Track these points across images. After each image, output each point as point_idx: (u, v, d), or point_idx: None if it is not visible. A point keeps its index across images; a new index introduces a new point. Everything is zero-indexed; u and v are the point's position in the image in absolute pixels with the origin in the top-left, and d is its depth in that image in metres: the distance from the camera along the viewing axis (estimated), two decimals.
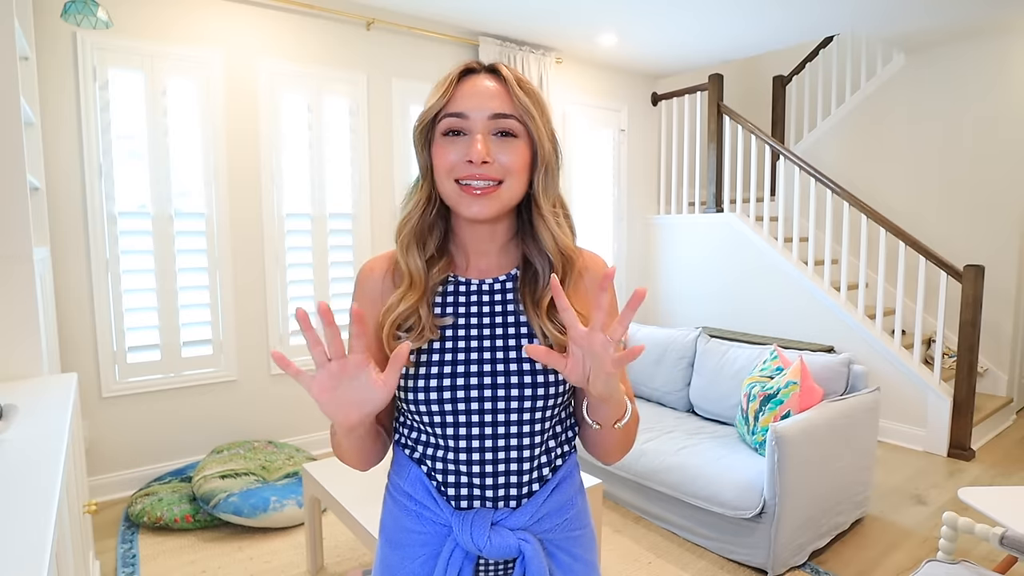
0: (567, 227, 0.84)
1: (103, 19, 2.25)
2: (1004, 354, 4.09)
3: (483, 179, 0.76)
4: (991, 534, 1.69)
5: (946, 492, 2.96)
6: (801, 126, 5.28)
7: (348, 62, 3.41)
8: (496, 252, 0.86)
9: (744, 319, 4.36)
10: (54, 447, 1.17)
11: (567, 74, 4.40)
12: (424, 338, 0.80)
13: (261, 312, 3.21)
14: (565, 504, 0.84)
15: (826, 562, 2.33)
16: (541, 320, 0.80)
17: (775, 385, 2.48)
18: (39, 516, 0.89)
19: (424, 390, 0.78)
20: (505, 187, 0.78)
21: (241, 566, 2.31)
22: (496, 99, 0.77)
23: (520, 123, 0.78)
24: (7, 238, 1.64)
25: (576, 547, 0.85)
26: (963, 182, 4.21)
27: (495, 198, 0.77)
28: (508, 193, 0.79)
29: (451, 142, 0.78)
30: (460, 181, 0.77)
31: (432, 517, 0.81)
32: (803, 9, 3.55)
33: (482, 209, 0.77)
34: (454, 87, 0.78)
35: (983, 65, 4.09)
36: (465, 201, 0.78)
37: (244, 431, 3.19)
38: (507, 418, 0.79)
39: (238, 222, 3.11)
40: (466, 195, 0.77)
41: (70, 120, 2.68)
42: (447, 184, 0.79)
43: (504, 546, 0.77)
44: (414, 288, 0.81)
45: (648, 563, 2.31)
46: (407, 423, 0.84)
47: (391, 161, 3.60)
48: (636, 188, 4.93)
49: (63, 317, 2.68)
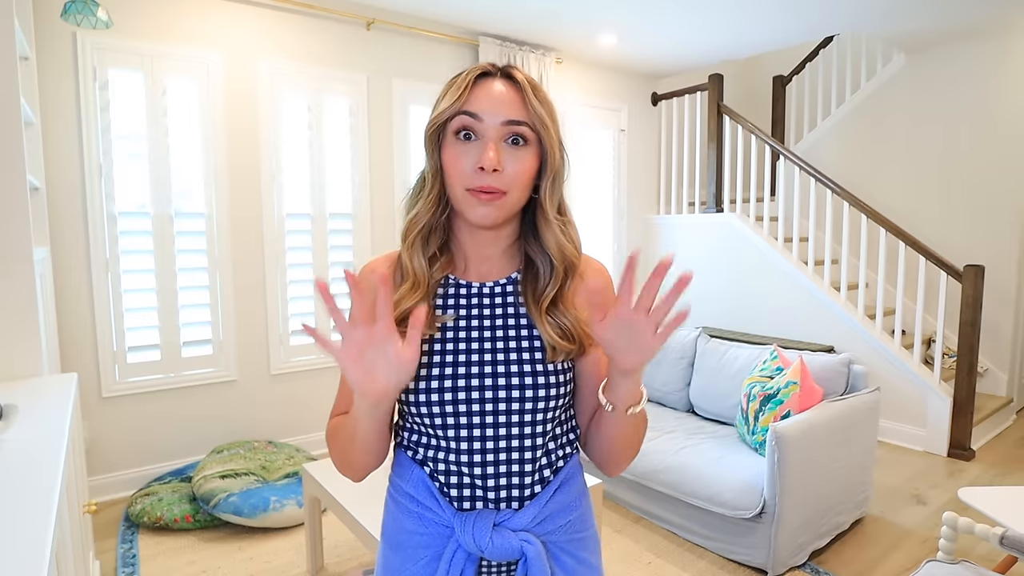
0: (571, 233, 0.84)
1: (103, 19, 2.25)
2: (1004, 354, 4.09)
3: (491, 188, 0.76)
4: (991, 534, 1.69)
5: (946, 492, 2.96)
6: (801, 126, 5.27)
7: (348, 62, 3.41)
8: (497, 256, 0.86)
9: (744, 319, 4.36)
10: (54, 447, 1.17)
11: (567, 74, 4.41)
12: (423, 334, 0.80)
13: (261, 312, 3.20)
14: (568, 506, 0.84)
15: (826, 562, 2.33)
16: (541, 319, 0.80)
17: (775, 385, 2.48)
18: (39, 516, 0.89)
19: (425, 391, 0.79)
20: (510, 195, 0.78)
21: (241, 566, 2.31)
22: (511, 106, 0.77)
23: (532, 131, 0.78)
24: (7, 238, 1.64)
25: (580, 549, 0.85)
26: (963, 182, 4.21)
27: (501, 205, 0.78)
28: (513, 201, 0.79)
29: (463, 146, 0.78)
30: (469, 189, 0.77)
31: (434, 518, 0.81)
32: (803, 9, 3.55)
33: (488, 213, 0.78)
34: (469, 90, 0.78)
35: (983, 65, 4.09)
36: (472, 204, 0.78)
37: (244, 431, 3.19)
38: (508, 419, 0.79)
39: (238, 222, 3.11)
40: (473, 198, 0.77)
41: (70, 120, 2.68)
42: (457, 189, 0.79)
43: (506, 547, 0.77)
44: (417, 287, 0.81)
45: (648, 563, 2.31)
46: (408, 425, 0.84)
47: (391, 161, 3.60)
48: (636, 188, 4.94)
49: (63, 317, 2.68)
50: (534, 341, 0.81)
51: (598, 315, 0.72)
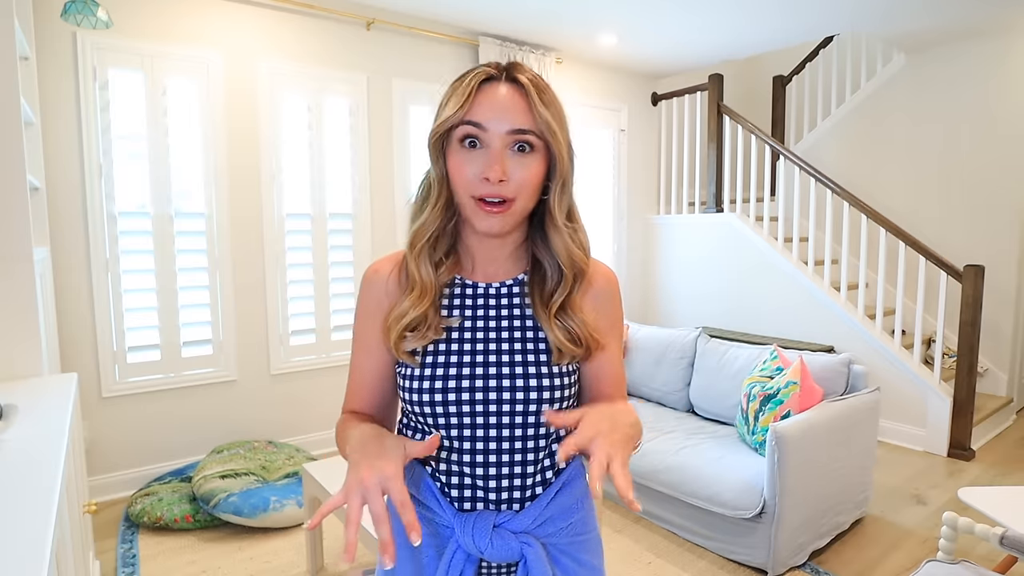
0: (580, 239, 0.83)
1: (103, 19, 2.25)
2: (1004, 354, 4.09)
3: (498, 196, 0.75)
4: (991, 534, 1.69)
5: (946, 492, 2.96)
6: (801, 126, 5.27)
7: (348, 62, 3.41)
8: (505, 257, 0.86)
9: (744, 319, 4.36)
10: (54, 447, 1.17)
11: (567, 74, 4.40)
12: (428, 338, 0.80)
13: (261, 312, 3.20)
14: (570, 508, 0.83)
15: (826, 562, 2.33)
16: (549, 322, 0.80)
17: (775, 385, 2.48)
18: (39, 516, 0.89)
19: (429, 391, 0.79)
20: (518, 203, 0.77)
21: (241, 566, 2.31)
22: (516, 113, 0.75)
23: (539, 138, 0.77)
24: (7, 238, 1.64)
25: (581, 552, 0.84)
26: (963, 182, 4.21)
27: (508, 215, 0.77)
28: (521, 208, 0.78)
29: (468, 154, 0.76)
30: (475, 198, 0.77)
31: (435, 519, 0.81)
32: (803, 9, 3.55)
33: (495, 224, 0.77)
34: (473, 97, 0.76)
35: (983, 65, 4.09)
36: (480, 216, 0.77)
37: (244, 431, 3.19)
38: (511, 419, 0.79)
39: (238, 222, 3.11)
40: (480, 210, 0.76)
41: (70, 120, 2.68)
42: (463, 197, 0.78)
43: (506, 549, 0.77)
44: (424, 296, 0.81)
45: (648, 563, 2.31)
46: (411, 425, 0.84)
47: (391, 161, 3.60)
48: (636, 188, 4.93)
49: (63, 317, 2.68)
50: (539, 343, 0.81)
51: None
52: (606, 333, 0.85)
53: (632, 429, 0.71)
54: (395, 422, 0.92)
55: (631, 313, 4.97)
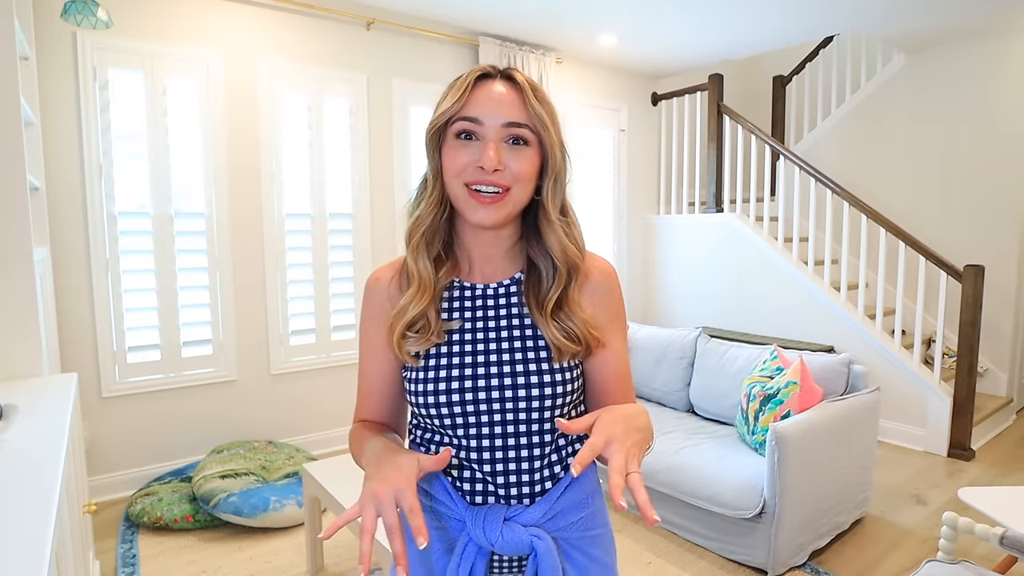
0: (574, 234, 0.84)
1: (103, 19, 2.25)
2: (1004, 354, 4.09)
3: (493, 186, 0.77)
4: (991, 534, 1.69)
5: (946, 492, 2.96)
6: (801, 126, 5.27)
7: (348, 62, 3.41)
8: (500, 256, 0.87)
9: (744, 319, 4.36)
10: (54, 447, 1.17)
11: (567, 74, 4.40)
12: (431, 342, 0.81)
13: (261, 312, 3.20)
14: (580, 503, 0.84)
15: (826, 562, 2.33)
16: (546, 322, 0.81)
17: (775, 385, 2.48)
18: (39, 516, 0.89)
19: (433, 393, 0.80)
20: (513, 194, 0.79)
21: (241, 566, 2.31)
22: (511, 107, 0.78)
23: (533, 132, 0.79)
24: (7, 238, 1.64)
25: (592, 547, 0.85)
26: (963, 182, 4.21)
27: (502, 205, 0.78)
28: (515, 200, 0.79)
29: (463, 146, 0.78)
30: (470, 185, 0.78)
31: (447, 512, 0.82)
32: (803, 9, 3.55)
33: (489, 215, 0.78)
34: (469, 92, 0.78)
35: (983, 65, 4.09)
36: (472, 206, 0.78)
37: (244, 431, 3.19)
38: (516, 417, 0.80)
39: (238, 222, 3.11)
40: (474, 200, 0.78)
41: (70, 120, 2.68)
42: (456, 187, 0.79)
43: (516, 542, 0.78)
44: (423, 291, 0.82)
45: (648, 563, 2.31)
46: (420, 424, 0.86)
47: (391, 161, 3.60)
48: (636, 188, 4.93)
49: (63, 317, 2.68)
50: (539, 341, 0.82)
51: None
52: (605, 329, 0.85)
53: (645, 432, 0.71)
54: (405, 427, 0.93)
55: (631, 313, 4.96)
